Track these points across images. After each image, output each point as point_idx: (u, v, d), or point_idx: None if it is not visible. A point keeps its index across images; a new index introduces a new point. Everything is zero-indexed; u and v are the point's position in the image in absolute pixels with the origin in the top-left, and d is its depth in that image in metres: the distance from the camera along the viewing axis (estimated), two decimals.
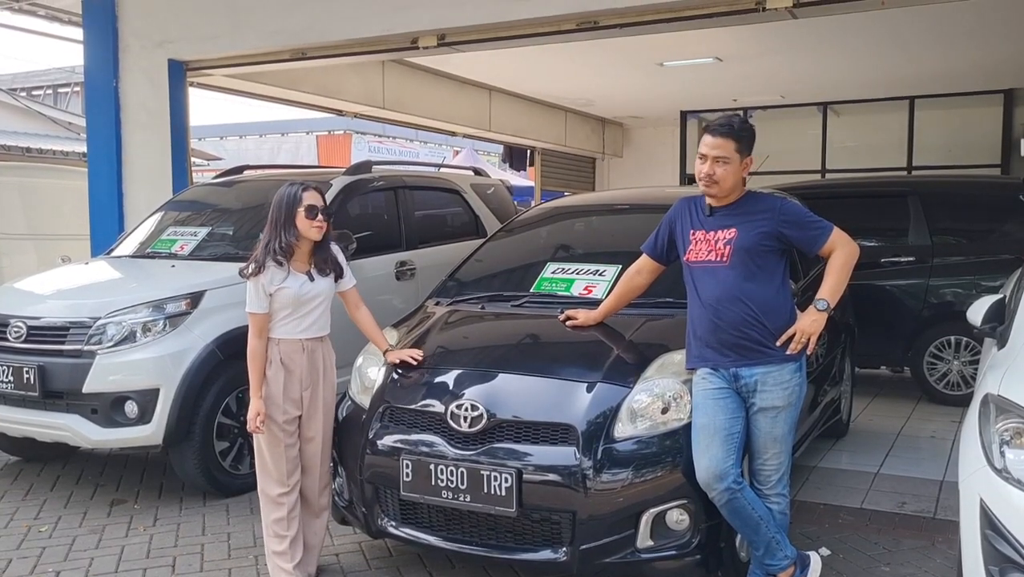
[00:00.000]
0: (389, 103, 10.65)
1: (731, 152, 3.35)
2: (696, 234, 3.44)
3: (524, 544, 3.45)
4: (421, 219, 6.78)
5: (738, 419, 3.31)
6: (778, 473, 3.40)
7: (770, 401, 3.30)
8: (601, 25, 6.26)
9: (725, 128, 3.38)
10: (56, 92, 24.01)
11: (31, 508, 4.95)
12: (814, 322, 3.30)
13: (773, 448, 3.36)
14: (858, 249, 3.42)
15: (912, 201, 7.33)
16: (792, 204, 3.47)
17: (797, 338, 3.28)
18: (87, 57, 8.04)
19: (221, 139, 26.37)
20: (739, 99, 13.14)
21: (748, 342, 3.30)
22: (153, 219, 6.37)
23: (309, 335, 3.68)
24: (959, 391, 6.98)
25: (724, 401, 3.31)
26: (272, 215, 3.65)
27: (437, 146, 27.05)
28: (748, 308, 3.29)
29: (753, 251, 3.32)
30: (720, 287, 3.33)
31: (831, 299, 3.33)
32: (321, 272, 3.70)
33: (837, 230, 3.39)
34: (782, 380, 3.31)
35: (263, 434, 3.65)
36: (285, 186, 3.70)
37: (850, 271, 3.39)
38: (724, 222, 3.38)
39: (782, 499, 3.43)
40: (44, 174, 10.38)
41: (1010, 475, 2.65)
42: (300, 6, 7.06)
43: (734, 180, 3.37)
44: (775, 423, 3.33)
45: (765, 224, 3.33)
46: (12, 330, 4.96)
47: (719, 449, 3.24)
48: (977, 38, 9.08)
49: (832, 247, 3.36)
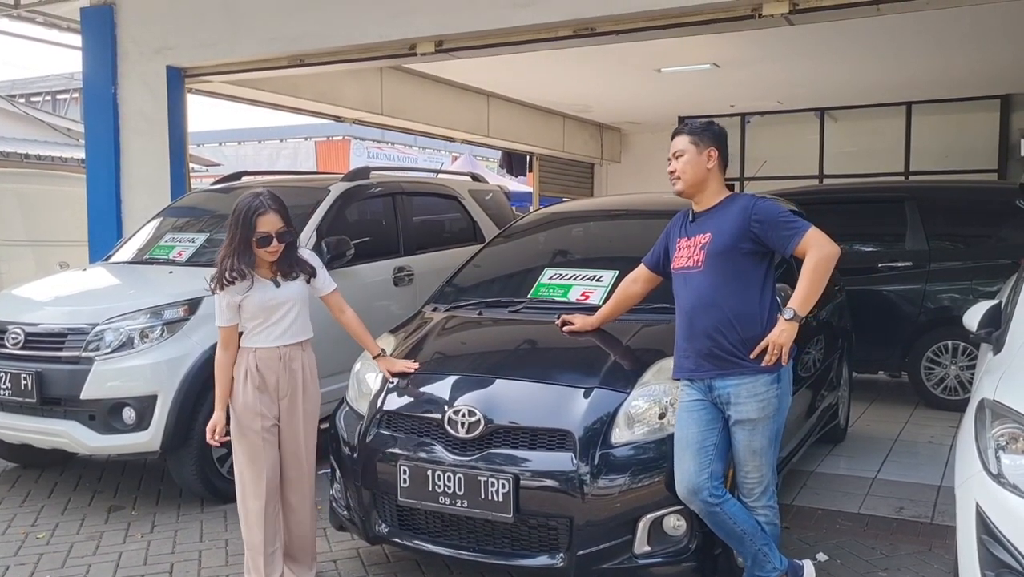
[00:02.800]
0: (387, 109, 10.66)
1: (686, 145, 3.37)
2: (681, 241, 3.43)
3: (521, 550, 3.45)
4: (419, 225, 6.79)
5: (713, 430, 3.25)
6: (761, 486, 3.32)
7: (745, 413, 3.22)
8: (598, 32, 6.27)
9: (680, 128, 3.45)
10: (55, 98, 24.01)
11: (28, 515, 4.95)
12: (783, 333, 3.16)
13: (753, 461, 3.28)
14: (837, 251, 3.19)
15: (909, 206, 7.35)
16: (767, 202, 3.32)
17: (769, 350, 3.16)
18: (85, 64, 8.06)
19: (220, 145, 26.37)
20: (737, 105, 13.17)
21: (720, 352, 3.22)
22: (151, 225, 6.37)
23: (285, 341, 3.59)
24: (956, 396, 6.98)
25: (698, 413, 3.27)
26: (230, 230, 3.51)
27: (435, 152, 27.08)
28: (721, 315, 3.22)
29: (726, 255, 3.24)
30: (694, 294, 3.29)
31: (800, 308, 3.17)
32: (287, 277, 3.59)
33: (814, 229, 3.21)
34: (756, 392, 3.21)
35: (241, 449, 3.58)
36: (246, 198, 3.53)
37: (826, 275, 3.19)
38: (702, 227, 3.34)
39: (769, 511, 3.36)
40: (42, 180, 10.41)
41: (1006, 480, 2.65)
42: (298, 13, 7.08)
43: (696, 171, 3.34)
44: (752, 436, 3.24)
45: (737, 225, 3.24)
46: (10, 336, 4.96)
47: (691, 463, 3.21)
48: (973, 44, 9.11)
49: (806, 247, 3.17)
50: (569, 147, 14.85)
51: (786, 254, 3.30)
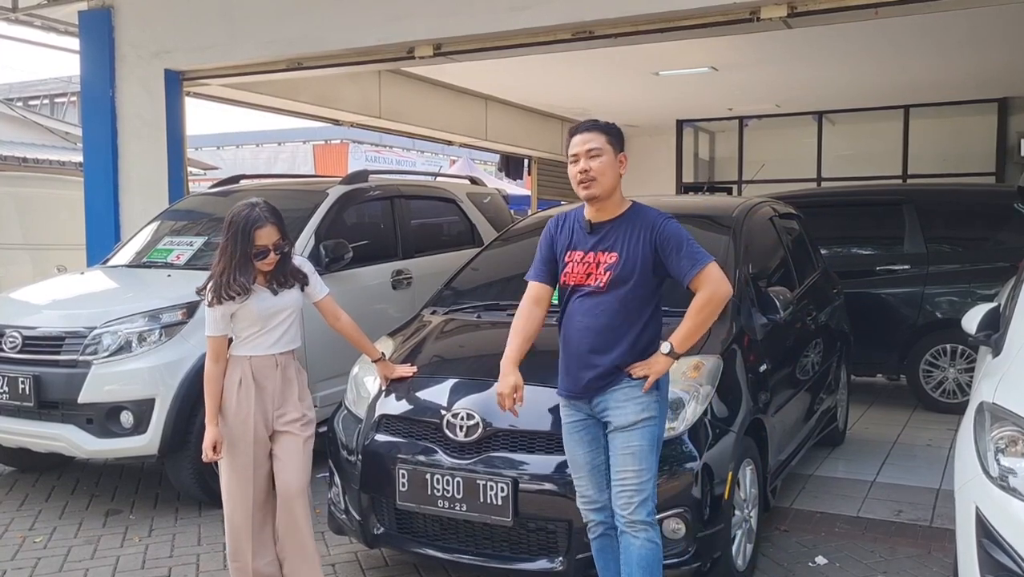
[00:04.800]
0: (385, 112, 10.67)
1: (603, 143, 3.06)
2: (574, 254, 3.14)
3: (520, 553, 3.45)
4: (417, 228, 6.79)
5: (599, 449, 3.13)
6: (640, 494, 3.03)
7: (623, 417, 3.04)
8: (596, 35, 6.28)
9: (590, 124, 3.12)
10: (52, 102, 24.01)
11: (26, 518, 4.94)
12: (658, 365, 3.04)
13: (631, 464, 3.03)
14: (730, 292, 3.07)
15: (907, 209, 7.36)
16: (674, 226, 3.08)
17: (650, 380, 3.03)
18: (84, 67, 8.05)
19: (218, 148, 26.40)
20: (735, 108, 13.19)
21: (605, 372, 3.06)
22: (149, 229, 6.37)
23: (280, 349, 3.53)
24: (955, 399, 6.99)
25: (580, 434, 3.15)
26: (226, 243, 3.45)
27: (434, 155, 27.11)
28: (614, 338, 3.05)
29: (632, 280, 3.04)
30: (588, 315, 3.07)
31: (680, 346, 3.04)
32: (283, 285, 3.54)
33: (713, 266, 3.03)
34: (633, 396, 3.05)
35: (230, 460, 3.50)
36: (242, 209, 3.47)
37: (713, 315, 3.07)
38: (606, 243, 3.08)
39: (650, 528, 3.05)
40: (40, 184, 10.39)
41: (1005, 483, 2.65)
42: (296, 16, 7.08)
43: (612, 176, 3.06)
44: (631, 437, 3.04)
45: (644, 244, 3.05)
46: (8, 340, 4.95)
47: (588, 483, 3.14)
48: (971, 47, 9.12)
49: (701, 282, 3.02)
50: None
51: (683, 283, 3.08)
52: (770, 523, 4.52)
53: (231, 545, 3.60)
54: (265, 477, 3.55)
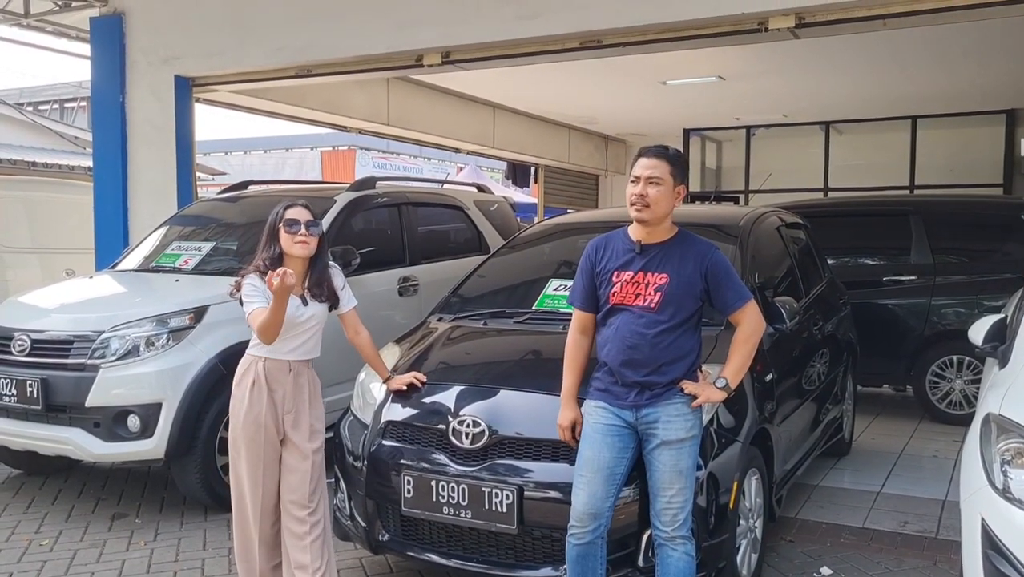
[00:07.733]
0: (393, 119, 10.71)
1: (665, 174, 3.19)
2: (622, 275, 3.24)
3: (525, 561, 3.45)
4: (424, 235, 6.80)
5: (624, 460, 3.18)
6: (684, 511, 3.14)
7: (673, 433, 3.14)
8: (604, 44, 6.29)
9: (659, 150, 3.27)
10: (63, 107, 24.10)
11: (32, 522, 4.95)
12: (713, 394, 3.21)
13: (679, 482, 3.13)
14: (764, 326, 3.33)
15: (914, 220, 7.36)
16: (722, 257, 3.27)
17: (700, 400, 3.17)
18: (94, 73, 8.10)
19: (226, 154, 26.46)
20: (741, 117, 13.20)
21: (655, 386, 3.17)
22: (157, 233, 6.40)
23: (296, 357, 3.53)
24: (961, 410, 6.97)
25: (612, 439, 3.18)
26: (263, 232, 3.57)
27: (441, 162, 27.15)
28: (664, 355, 3.16)
29: (682, 301, 3.18)
30: (638, 333, 3.16)
31: (732, 380, 3.24)
32: (315, 296, 3.56)
33: (754, 302, 3.27)
34: (683, 412, 3.16)
35: (241, 459, 3.49)
36: (276, 206, 3.59)
37: (754, 348, 3.29)
38: (656, 265, 3.21)
39: (688, 542, 3.15)
40: (49, 188, 10.43)
41: (1012, 495, 2.65)
42: (305, 24, 7.12)
43: (667, 205, 3.19)
44: (680, 456, 3.14)
45: (694, 271, 3.19)
46: (16, 343, 4.98)
47: (600, 488, 3.14)
48: (979, 58, 9.13)
49: (742, 317, 3.24)
50: (574, 158, 14.88)
51: (724, 313, 3.29)
52: (775, 533, 4.51)
53: (239, 545, 3.62)
54: (275, 480, 3.56)
